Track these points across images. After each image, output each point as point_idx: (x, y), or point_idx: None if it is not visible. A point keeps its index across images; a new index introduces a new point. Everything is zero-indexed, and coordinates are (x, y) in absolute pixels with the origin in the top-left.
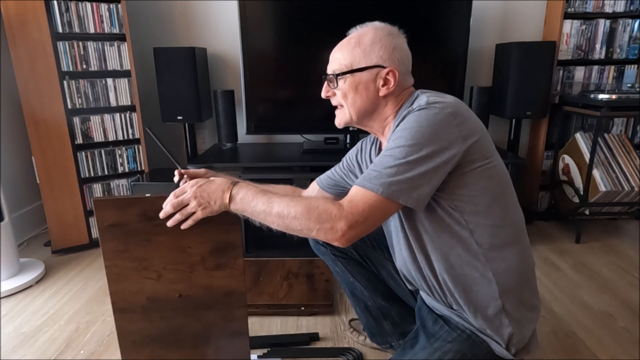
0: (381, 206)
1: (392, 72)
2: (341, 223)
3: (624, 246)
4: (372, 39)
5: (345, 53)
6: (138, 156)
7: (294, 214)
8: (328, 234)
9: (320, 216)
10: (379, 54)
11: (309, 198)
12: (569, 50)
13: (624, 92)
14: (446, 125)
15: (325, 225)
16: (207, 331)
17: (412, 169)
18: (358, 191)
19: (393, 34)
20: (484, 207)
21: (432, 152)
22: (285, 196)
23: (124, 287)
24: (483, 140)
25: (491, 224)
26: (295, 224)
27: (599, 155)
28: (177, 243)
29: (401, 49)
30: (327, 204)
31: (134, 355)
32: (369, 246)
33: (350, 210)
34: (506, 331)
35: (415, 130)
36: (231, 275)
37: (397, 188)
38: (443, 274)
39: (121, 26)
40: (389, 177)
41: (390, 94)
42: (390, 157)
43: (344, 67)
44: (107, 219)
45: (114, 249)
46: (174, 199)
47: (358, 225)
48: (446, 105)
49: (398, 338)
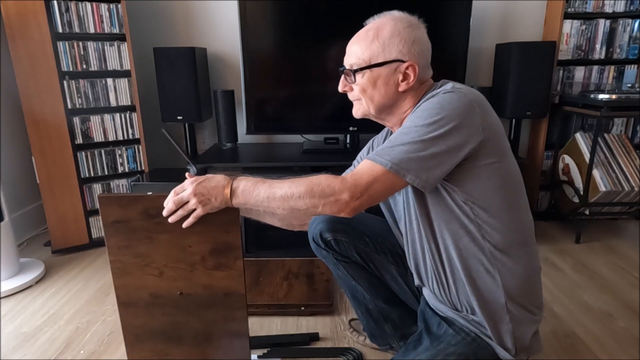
0: (387, 180)
1: (412, 66)
2: (344, 194)
3: (624, 246)
4: (391, 32)
5: (363, 47)
6: (138, 156)
7: (298, 194)
8: (333, 207)
9: (323, 191)
10: (398, 48)
11: (310, 177)
12: (569, 50)
13: (624, 92)
14: (468, 109)
15: (330, 198)
16: (208, 330)
17: (425, 149)
18: (366, 164)
19: (413, 25)
20: (495, 206)
21: (448, 134)
22: (285, 180)
23: (127, 282)
24: (500, 138)
25: (500, 223)
26: (301, 203)
27: (599, 155)
28: (178, 242)
29: (421, 41)
30: (330, 179)
31: (137, 348)
32: (372, 250)
33: (353, 182)
34: (505, 327)
35: (436, 110)
36: (231, 276)
37: (407, 166)
38: (452, 261)
39: (121, 26)
40: (401, 154)
41: (410, 88)
42: (405, 134)
43: (362, 62)
44: (111, 215)
45: (118, 244)
46: (175, 196)
47: (362, 195)
48: (471, 93)
49: (399, 340)
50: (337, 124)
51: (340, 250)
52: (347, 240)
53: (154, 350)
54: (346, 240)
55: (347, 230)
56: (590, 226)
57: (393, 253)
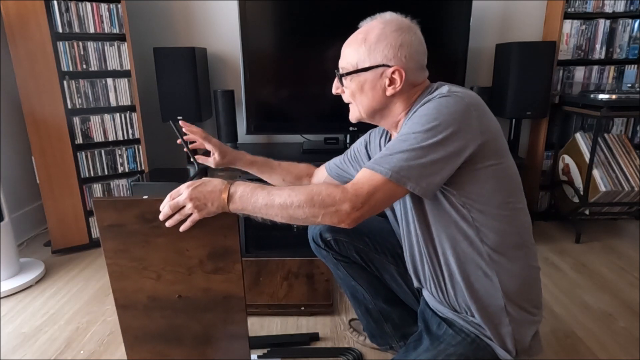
0: (387, 189)
1: (398, 71)
2: (345, 205)
3: (624, 246)
4: (378, 36)
5: (352, 50)
6: (138, 156)
7: (298, 203)
8: (333, 218)
9: (324, 201)
10: (383, 53)
11: (310, 185)
12: (569, 50)
13: (624, 92)
14: (466, 113)
15: (330, 209)
16: (207, 332)
17: (424, 156)
18: (365, 173)
19: (402, 29)
20: (493, 208)
21: (447, 139)
22: (285, 187)
23: (125, 285)
24: (498, 139)
25: (498, 226)
26: (300, 212)
27: (599, 155)
28: (175, 245)
29: (409, 44)
30: (330, 189)
31: (136, 349)
32: (372, 250)
33: (354, 192)
34: (505, 330)
35: (433, 116)
36: (229, 279)
37: (407, 174)
38: (449, 265)
39: (121, 26)
40: (400, 162)
41: (399, 92)
42: (403, 142)
43: (350, 67)
44: (106, 219)
45: (115, 248)
46: (170, 200)
47: (362, 206)
48: (468, 96)
49: (399, 340)
50: (337, 124)
51: (340, 250)
52: (347, 240)
53: (153, 351)
54: (346, 240)
55: (347, 231)
56: (590, 226)
57: (393, 253)
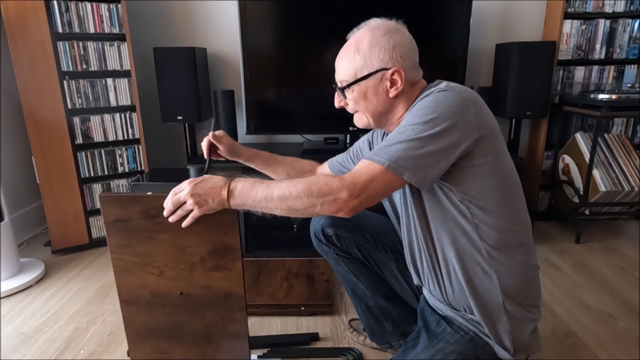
0: (385, 179)
1: (398, 71)
2: (343, 193)
3: (624, 246)
4: (370, 43)
5: (347, 62)
6: (138, 156)
7: (296, 194)
8: (332, 206)
9: (322, 190)
10: (379, 58)
11: (308, 177)
12: (569, 50)
13: (624, 92)
14: (463, 108)
15: (328, 197)
16: (207, 330)
17: (422, 147)
18: (364, 163)
19: (390, 31)
20: (492, 205)
21: (444, 132)
22: (284, 179)
23: (128, 280)
24: (495, 137)
25: (497, 223)
26: (298, 203)
27: (599, 155)
28: (177, 242)
29: (401, 44)
30: (328, 178)
31: (139, 344)
32: (373, 247)
33: (352, 181)
34: (503, 327)
35: (431, 109)
36: (230, 277)
37: (404, 164)
38: (448, 262)
39: (121, 26)
40: (398, 152)
41: (401, 92)
42: (402, 133)
43: (349, 78)
44: (112, 215)
45: (119, 243)
46: (173, 196)
47: (360, 194)
48: (465, 92)
49: (399, 338)
50: (337, 124)
51: (341, 246)
52: (348, 236)
53: (155, 347)
54: (347, 235)
55: (349, 226)
56: (590, 226)
57: (394, 250)
